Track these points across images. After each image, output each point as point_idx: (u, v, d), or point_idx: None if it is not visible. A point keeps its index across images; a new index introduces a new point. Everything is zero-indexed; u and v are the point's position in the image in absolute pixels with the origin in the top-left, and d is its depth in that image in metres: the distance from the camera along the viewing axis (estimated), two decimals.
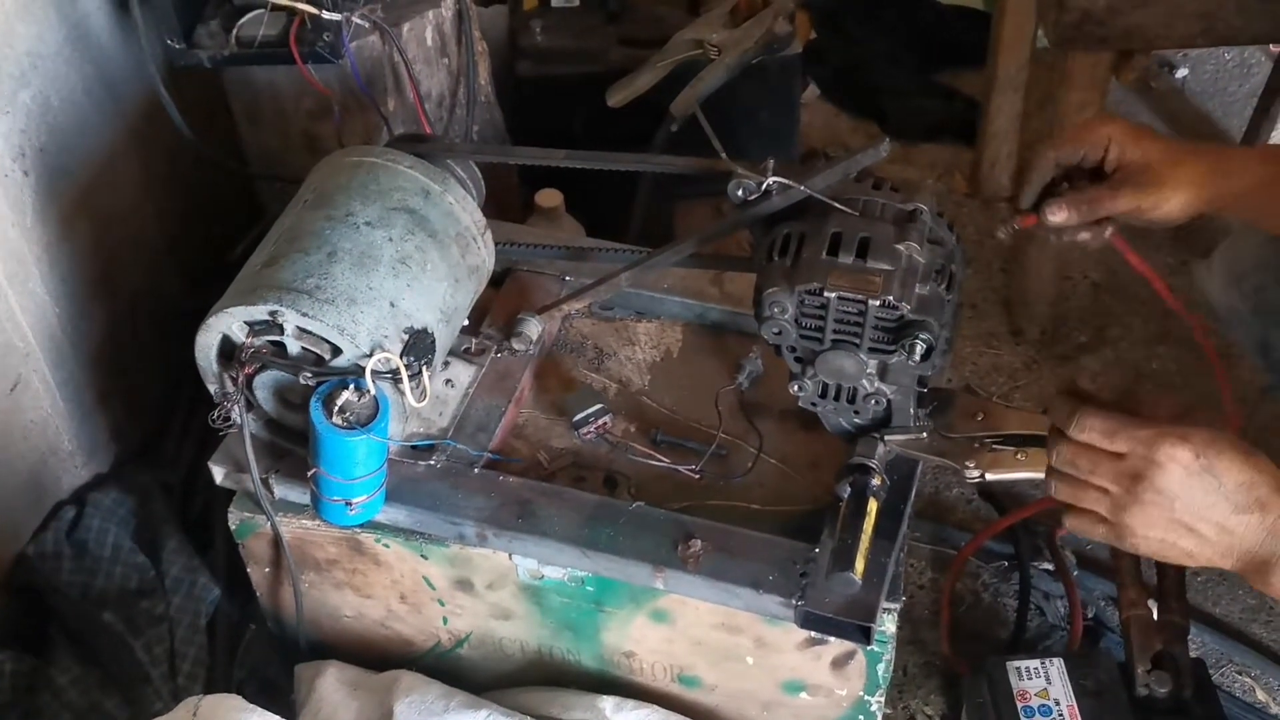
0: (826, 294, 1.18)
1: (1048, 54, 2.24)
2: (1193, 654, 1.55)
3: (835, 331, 1.21)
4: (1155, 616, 1.55)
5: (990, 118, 2.36)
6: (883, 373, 1.24)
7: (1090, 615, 1.76)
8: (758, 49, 1.91)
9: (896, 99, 2.62)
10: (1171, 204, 1.28)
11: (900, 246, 1.19)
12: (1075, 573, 1.79)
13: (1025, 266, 2.18)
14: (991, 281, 2.29)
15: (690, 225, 2.15)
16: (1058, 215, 1.29)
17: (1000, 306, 2.25)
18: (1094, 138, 1.29)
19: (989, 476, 1.25)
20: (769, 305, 1.21)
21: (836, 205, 1.22)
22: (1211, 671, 1.59)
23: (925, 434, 1.29)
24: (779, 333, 1.23)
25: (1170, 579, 1.58)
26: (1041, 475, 1.22)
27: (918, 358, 1.18)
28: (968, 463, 1.26)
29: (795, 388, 1.28)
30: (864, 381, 1.25)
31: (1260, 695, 1.73)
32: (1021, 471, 1.24)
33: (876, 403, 1.27)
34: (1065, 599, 1.77)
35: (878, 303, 1.17)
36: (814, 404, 1.29)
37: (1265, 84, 2.37)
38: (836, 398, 1.28)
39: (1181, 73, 2.70)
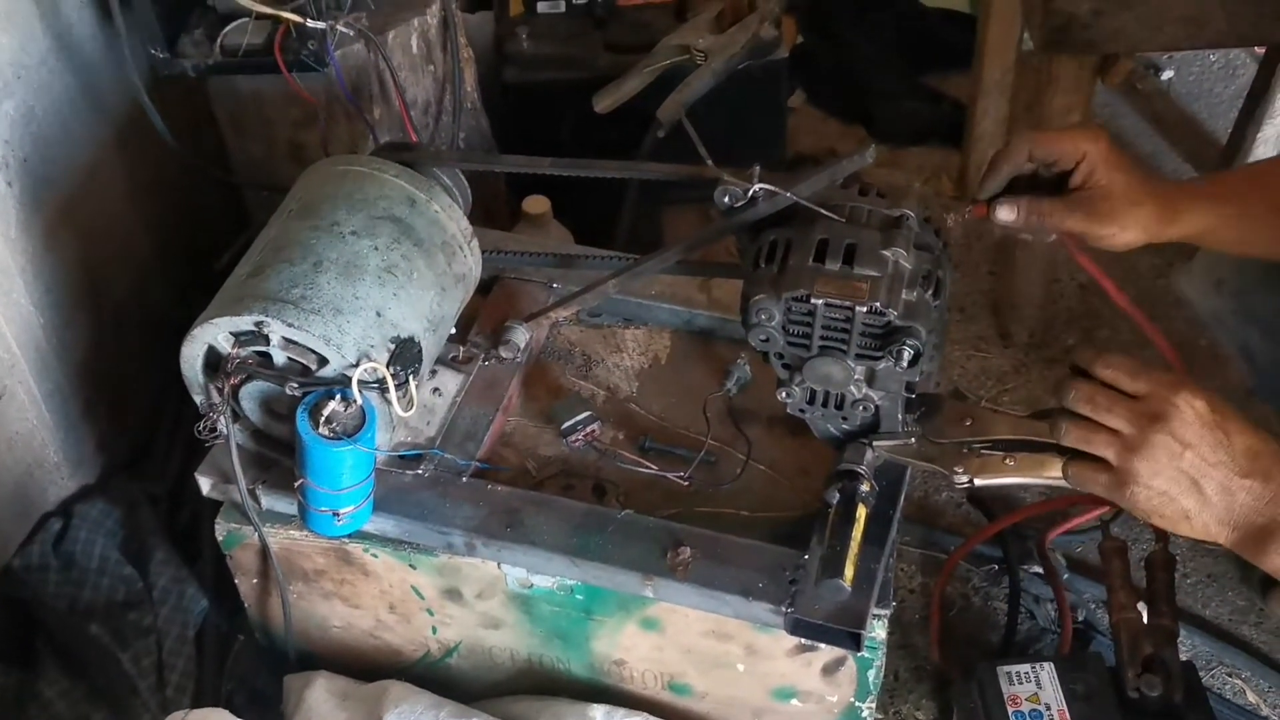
0: (813, 301, 1.18)
1: (1033, 57, 2.24)
2: (1183, 656, 1.55)
3: (822, 338, 1.21)
4: (1145, 620, 1.55)
5: (976, 121, 2.36)
6: (870, 379, 1.24)
7: (1080, 619, 1.76)
8: (744, 54, 1.91)
9: (883, 103, 2.61)
10: (1117, 240, 1.28)
11: (887, 252, 1.19)
12: (1065, 576, 1.79)
13: (1013, 270, 2.18)
14: (979, 285, 2.29)
15: (678, 231, 2.15)
16: (1007, 215, 1.28)
17: (988, 310, 2.25)
18: (1071, 148, 1.27)
19: (978, 482, 1.25)
20: (756, 312, 1.20)
21: (823, 212, 1.22)
22: (1202, 674, 1.59)
23: (914, 440, 1.29)
24: (766, 340, 1.23)
25: (1160, 582, 1.58)
26: (1030, 480, 1.22)
27: (905, 364, 1.18)
28: (956, 468, 1.25)
29: (783, 395, 1.28)
30: (852, 388, 1.25)
31: (1251, 697, 1.73)
32: (1010, 476, 1.24)
33: (864, 409, 1.26)
34: (1055, 602, 1.77)
35: (865, 309, 1.17)
36: (802, 411, 1.29)
37: (1250, 86, 2.37)
38: (824, 404, 1.27)
39: (1167, 75, 2.71)
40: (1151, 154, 2.55)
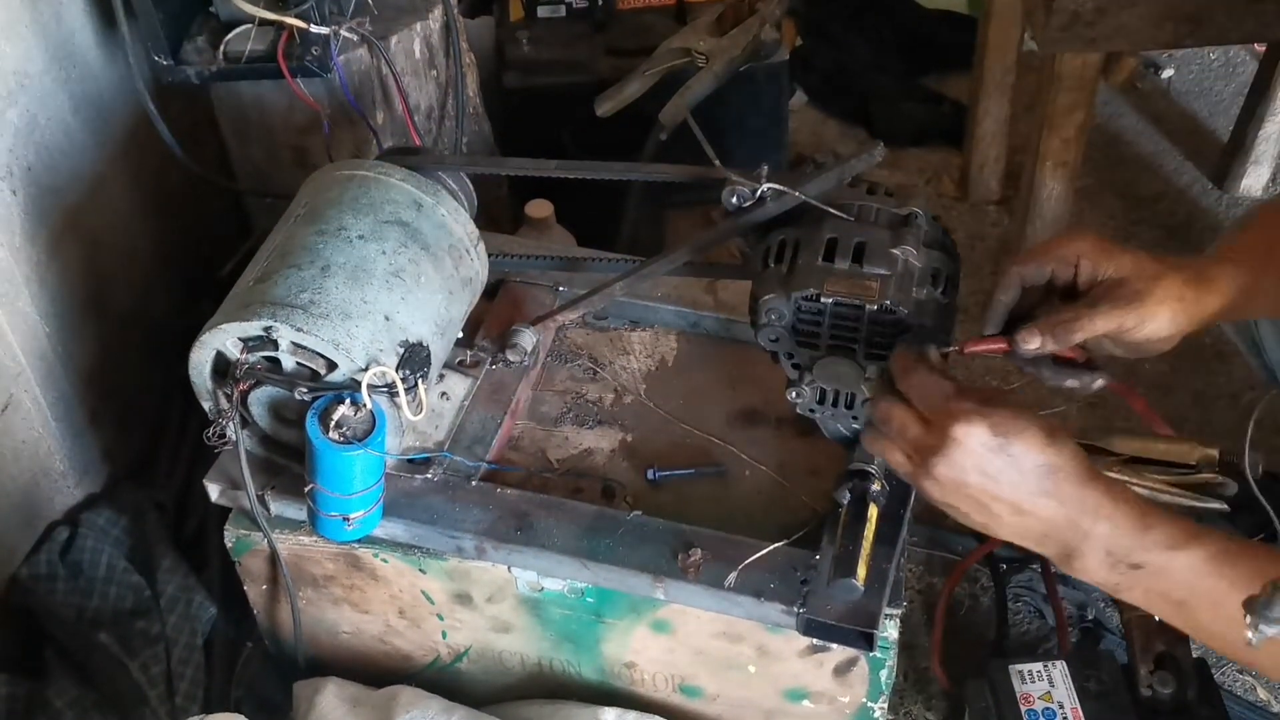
0: (823, 300, 1.18)
1: (1035, 57, 2.25)
2: (1193, 654, 1.54)
3: (832, 337, 1.21)
4: (1156, 617, 1.55)
5: (978, 121, 2.37)
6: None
7: (1090, 617, 1.76)
8: (745, 56, 1.91)
9: (884, 104, 2.62)
10: (1158, 321, 1.17)
11: (896, 251, 1.19)
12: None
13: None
14: (983, 285, 2.29)
15: (681, 233, 2.15)
16: (1031, 342, 1.16)
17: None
18: (1062, 254, 1.19)
19: None
20: (765, 312, 1.20)
21: (831, 211, 1.22)
22: (1213, 671, 1.59)
23: None
24: (775, 340, 1.23)
25: None
26: None
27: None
28: None
29: (792, 394, 1.28)
30: (862, 387, 1.25)
31: (1262, 694, 1.73)
32: None
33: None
34: (1065, 602, 1.76)
35: (875, 307, 1.17)
36: (812, 410, 1.29)
37: (1251, 83, 2.37)
38: (834, 404, 1.27)
39: (1167, 73, 2.71)
40: (1153, 153, 2.55)
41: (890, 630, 1.32)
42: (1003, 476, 1.08)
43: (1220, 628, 1.07)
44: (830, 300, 1.18)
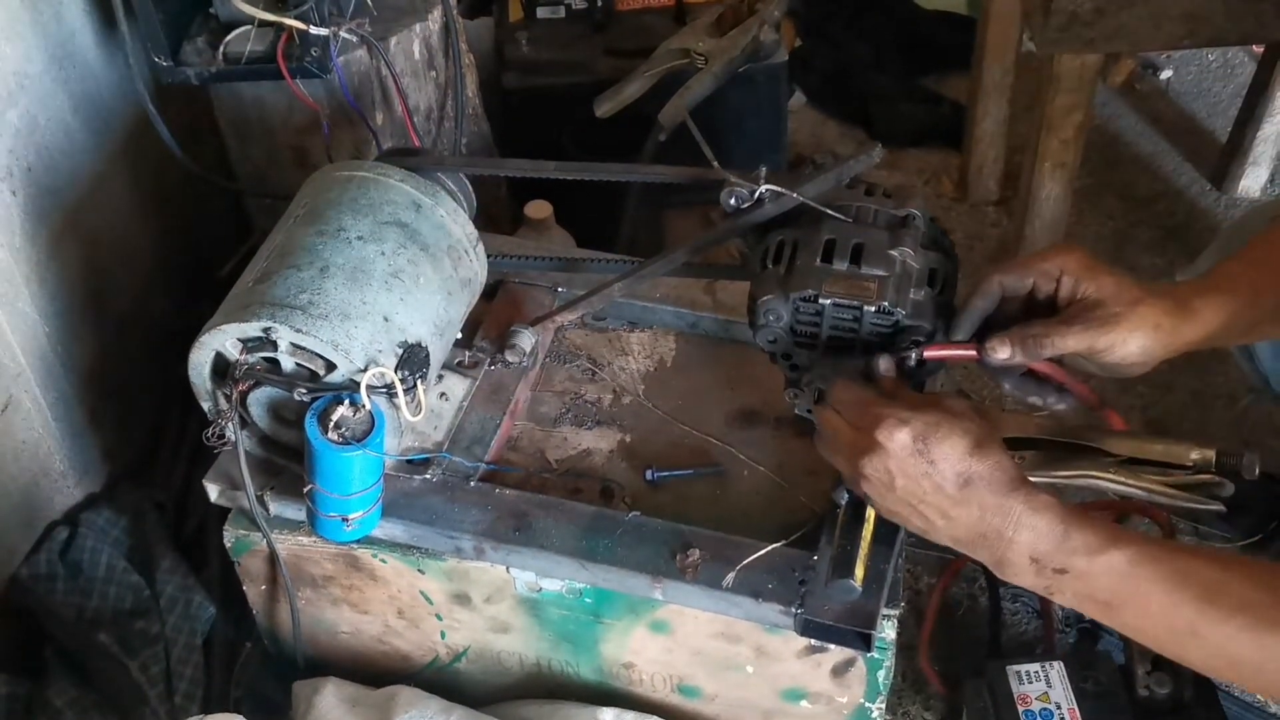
0: (822, 300, 1.18)
1: (1033, 57, 2.25)
2: None
3: (830, 338, 1.21)
4: None
5: (976, 122, 2.37)
6: None
7: (1088, 617, 1.76)
8: (744, 57, 1.91)
9: (883, 104, 2.62)
10: (1129, 346, 1.17)
11: (894, 252, 1.19)
12: None
13: None
14: None
15: (679, 234, 2.15)
16: (1000, 352, 1.17)
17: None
18: (1045, 267, 1.19)
19: None
20: (764, 313, 1.21)
21: (830, 212, 1.22)
22: None
23: None
24: (774, 340, 1.23)
25: None
26: (1038, 479, 1.22)
27: (913, 363, 1.18)
28: None
29: (791, 395, 1.28)
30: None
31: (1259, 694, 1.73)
32: None
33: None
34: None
35: (873, 308, 1.17)
36: (809, 411, 1.29)
37: (1249, 84, 2.38)
38: None
39: (1166, 74, 2.71)
40: (1151, 154, 2.55)
41: (888, 631, 1.32)
42: (925, 481, 1.11)
43: (1147, 627, 1.08)
44: (828, 301, 1.18)
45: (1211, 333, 1.20)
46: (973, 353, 1.19)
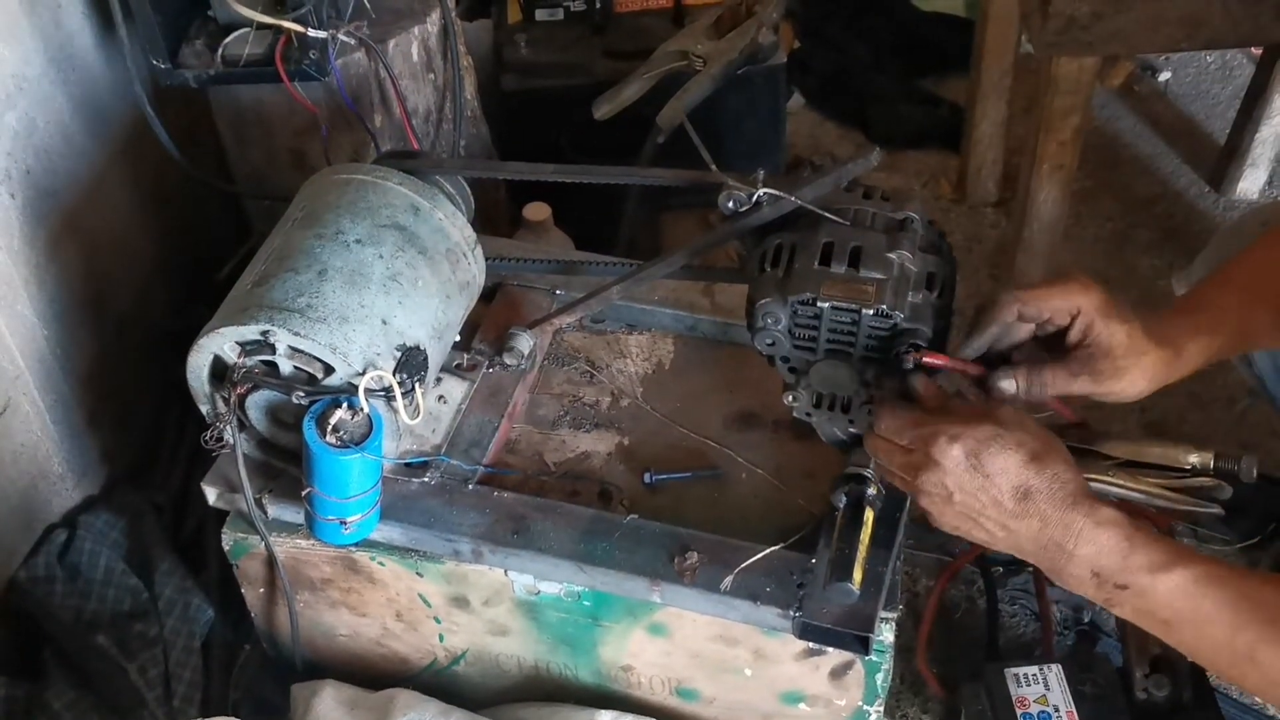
0: (820, 304, 1.18)
1: (1032, 59, 2.25)
2: None
3: (829, 341, 1.21)
4: None
5: (975, 124, 2.37)
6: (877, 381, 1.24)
7: (1086, 620, 1.76)
8: (742, 59, 1.90)
9: (881, 106, 2.62)
10: (1127, 393, 1.23)
11: (892, 255, 1.19)
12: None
13: (1013, 274, 2.18)
14: (979, 288, 2.29)
15: (678, 236, 2.15)
16: (1007, 389, 1.20)
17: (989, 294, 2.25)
18: (1064, 303, 1.20)
19: None
20: (762, 316, 1.21)
21: (828, 215, 1.22)
22: (1207, 673, 1.59)
23: None
24: (772, 343, 1.23)
25: None
26: None
27: (911, 366, 1.18)
28: None
29: (789, 398, 1.28)
30: (858, 390, 1.25)
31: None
32: None
33: (871, 412, 1.27)
34: (1060, 605, 1.77)
35: (871, 312, 1.17)
36: (808, 414, 1.29)
37: (1247, 86, 2.38)
38: (830, 408, 1.27)
39: (1164, 76, 2.71)
40: (1150, 156, 2.55)
41: (886, 634, 1.32)
42: (983, 495, 1.11)
43: (1206, 649, 1.09)
44: (827, 304, 1.18)
45: (1200, 367, 1.27)
46: (969, 369, 1.21)
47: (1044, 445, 1.11)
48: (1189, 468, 1.21)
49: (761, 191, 1.25)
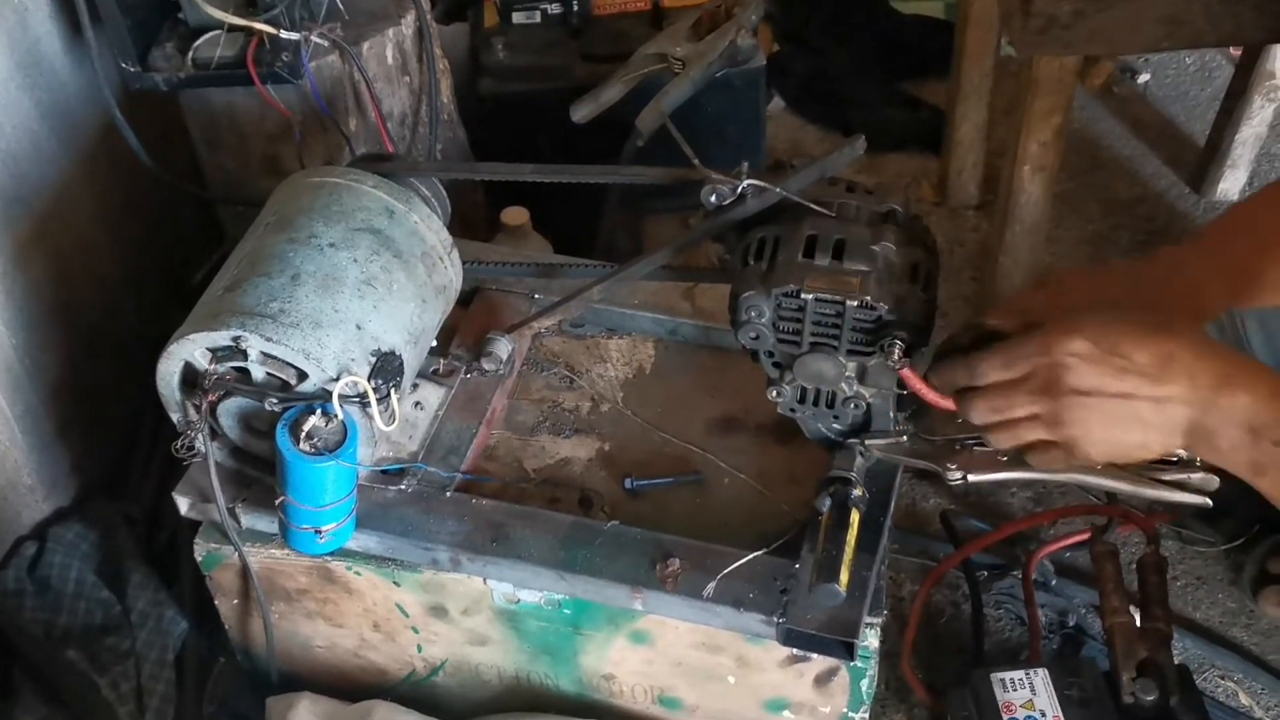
0: (804, 296, 1.17)
1: (1012, 61, 2.25)
2: (1175, 660, 1.54)
3: (813, 334, 1.20)
4: (1138, 623, 1.54)
5: (956, 126, 2.36)
6: (862, 375, 1.23)
7: (1072, 624, 1.75)
8: (722, 62, 1.89)
9: (861, 109, 2.61)
10: None
11: (876, 247, 1.19)
12: (1054, 581, 1.78)
13: (996, 275, 2.17)
14: (962, 290, 2.29)
15: (659, 241, 2.13)
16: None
17: (971, 314, 2.24)
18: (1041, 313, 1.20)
19: (971, 478, 1.24)
20: (746, 310, 1.19)
21: (812, 207, 1.21)
22: (1195, 677, 1.58)
23: (905, 438, 1.28)
24: (756, 337, 1.22)
25: (1152, 585, 1.57)
26: (1023, 475, 1.22)
27: (896, 358, 1.17)
28: (949, 465, 1.25)
29: (773, 394, 1.27)
30: (843, 385, 1.24)
31: (1244, 699, 1.72)
32: (1004, 472, 1.23)
33: (856, 406, 1.25)
34: (1046, 609, 1.76)
35: (855, 303, 1.16)
36: (793, 410, 1.28)
37: (1227, 87, 2.38)
38: (815, 403, 1.26)
39: (1144, 78, 2.71)
40: (1130, 157, 2.55)
41: (871, 639, 1.31)
42: (1124, 380, 1.04)
43: None
44: (811, 296, 1.17)
45: None
46: (941, 403, 1.19)
47: (1137, 305, 1.07)
48: (1175, 459, 1.20)
49: (746, 183, 1.24)
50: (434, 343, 1.45)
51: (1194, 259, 1.23)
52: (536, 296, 1.60)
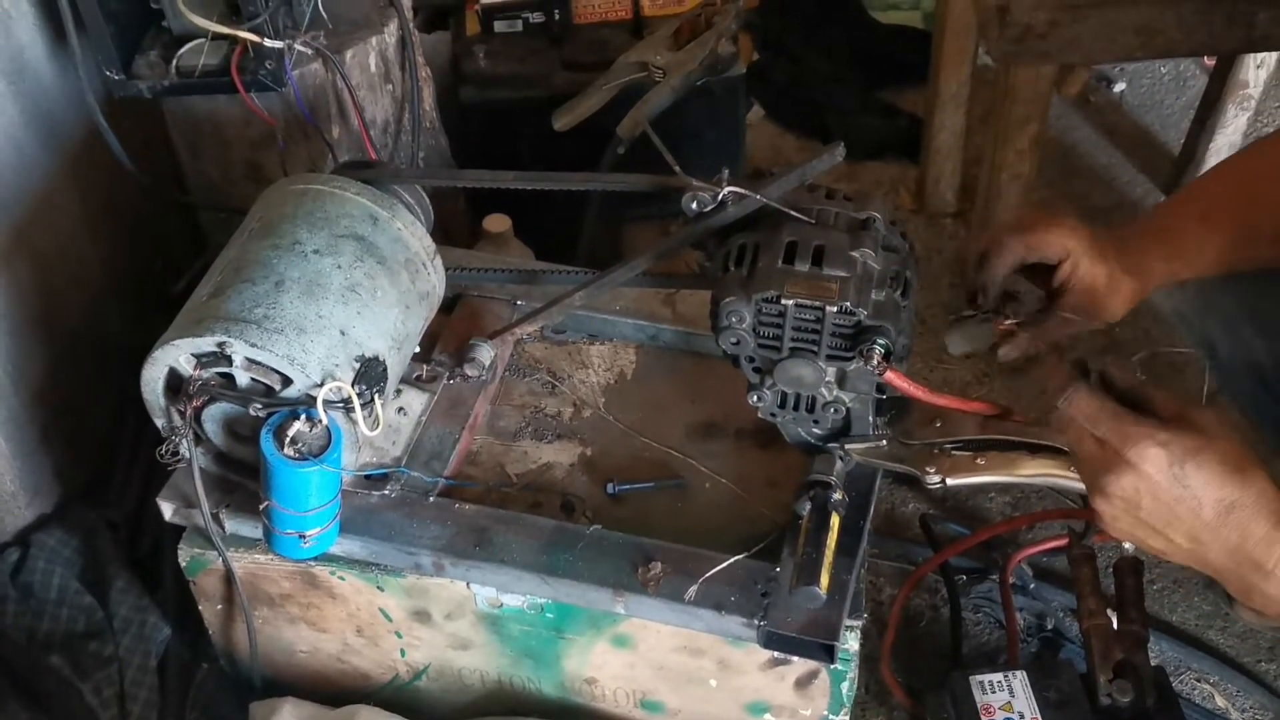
0: (784, 301, 1.18)
1: (989, 70, 2.27)
2: (1152, 662, 1.55)
3: (793, 340, 1.21)
4: (1115, 626, 1.55)
5: (933, 134, 2.38)
6: (841, 380, 1.24)
7: (1050, 626, 1.77)
8: (702, 70, 1.91)
9: (840, 117, 2.63)
10: (1104, 321, 1.40)
11: (855, 254, 1.20)
12: (1032, 585, 1.79)
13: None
14: (940, 297, 2.30)
15: (639, 249, 2.14)
16: (1013, 354, 1.37)
17: (950, 322, 2.26)
18: (1059, 247, 1.35)
19: (950, 482, 1.25)
20: (726, 315, 1.20)
21: (792, 213, 1.22)
22: (1171, 679, 1.59)
23: (884, 442, 1.29)
24: (737, 343, 1.23)
25: (1128, 587, 1.58)
26: (1001, 479, 1.23)
27: (875, 363, 1.18)
28: (928, 468, 1.26)
29: (754, 399, 1.28)
30: (823, 390, 1.25)
31: (1220, 701, 1.74)
32: (982, 475, 1.24)
33: (835, 411, 1.26)
34: (1024, 612, 1.77)
35: (835, 309, 1.17)
36: (773, 415, 1.29)
37: (1201, 96, 2.40)
38: (795, 407, 1.27)
39: (1119, 87, 2.73)
40: (1106, 165, 2.57)
41: (851, 642, 1.32)
42: (1180, 507, 1.05)
43: None
44: (791, 302, 1.18)
45: (1162, 285, 1.41)
46: (935, 399, 1.22)
47: (1247, 457, 1.06)
48: None
49: (726, 190, 1.25)
50: (417, 348, 1.45)
51: (1147, 244, 1.38)
52: (519, 303, 1.61)
